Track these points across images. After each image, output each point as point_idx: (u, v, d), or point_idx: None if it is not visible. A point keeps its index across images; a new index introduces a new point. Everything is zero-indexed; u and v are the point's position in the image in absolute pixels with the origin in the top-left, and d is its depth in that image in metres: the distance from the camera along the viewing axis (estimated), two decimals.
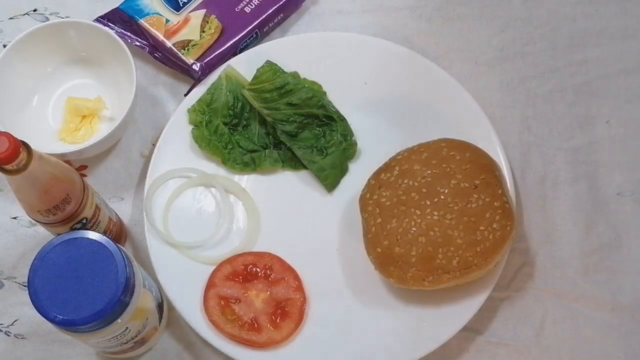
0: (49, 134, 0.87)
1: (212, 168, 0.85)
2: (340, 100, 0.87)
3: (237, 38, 0.89)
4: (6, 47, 0.84)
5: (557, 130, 0.87)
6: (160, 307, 0.77)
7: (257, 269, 0.80)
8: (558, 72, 0.90)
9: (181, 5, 0.90)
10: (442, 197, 0.74)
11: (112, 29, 0.89)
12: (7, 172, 0.64)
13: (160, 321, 0.77)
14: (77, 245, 0.67)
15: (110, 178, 0.87)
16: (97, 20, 0.90)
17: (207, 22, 0.89)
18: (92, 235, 0.67)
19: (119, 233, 0.82)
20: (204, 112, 0.86)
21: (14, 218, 0.85)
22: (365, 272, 0.79)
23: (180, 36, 0.89)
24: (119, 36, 0.86)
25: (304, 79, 0.87)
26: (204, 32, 0.89)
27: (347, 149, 0.86)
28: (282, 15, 0.92)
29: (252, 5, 0.90)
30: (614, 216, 0.84)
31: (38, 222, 0.73)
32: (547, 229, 0.83)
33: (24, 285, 0.82)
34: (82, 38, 0.87)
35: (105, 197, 0.83)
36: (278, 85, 0.86)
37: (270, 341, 0.77)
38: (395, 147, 0.80)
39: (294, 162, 0.86)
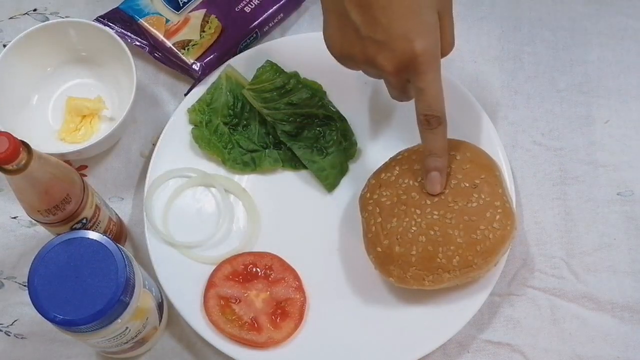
0: (49, 134, 0.87)
1: (212, 168, 0.85)
2: (340, 100, 0.87)
3: (237, 38, 0.89)
4: (6, 47, 0.84)
5: (557, 130, 0.87)
6: (160, 307, 0.77)
7: (257, 269, 0.80)
8: (558, 72, 0.90)
9: (181, 5, 0.90)
10: (442, 196, 0.74)
11: (112, 28, 0.89)
12: (7, 172, 0.64)
13: (160, 321, 0.77)
14: (77, 245, 0.67)
15: (110, 178, 0.87)
16: (97, 20, 0.90)
17: (207, 21, 0.89)
18: (92, 235, 0.67)
19: (119, 233, 0.82)
20: (204, 112, 0.86)
21: (14, 218, 0.85)
22: (365, 272, 0.79)
23: (180, 36, 0.89)
24: (119, 36, 0.86)
25: (304, 78, 0.87)
26: (204, 31, 0.89)
27: (347, 149, 0.86)
28: (282, 15, 0.92)
29: (252, 5, 0.90)
30: (613, 216, 0.84)
31: (38, 222, 0.73)
32: (547, 229, 0.83)
33: (24, 285, 0.82)
34: (82, 38, 0.87)
35: (105, 197, 0.83)
36: (278, 85, 0.86)
37: (270, 341, 0.77)
38: (395, 147, 0.80)
39: (294, 162, 0.86)
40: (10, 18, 0.94)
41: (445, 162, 0.72)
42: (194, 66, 0.88)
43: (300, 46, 0.88)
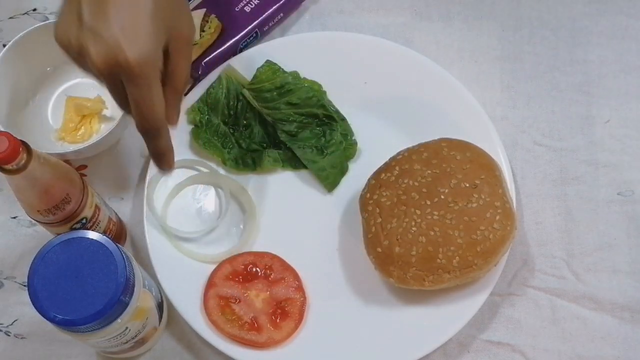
0: (48, 133, 0.87)
1: (211, 168, 0.85)
2: (340, 100, 0.87)
3: (237, 38, 0.89)
4: (6, 47, 0.84)
5: (557, 130, 0.87)
6: (160, 307, 0.76)
7: (257, 269, 0.80)
8: (558, 72, 0.90)
9: None
10: (442, 196, 0.74)
11: None
12: (7, 172, 0.64)
13: (160, 321, 0.77)
14: (77, 245, 0.67)
15: (110, 178, 0.87)
16: None
17: (207, 21, 0.89)
18: (92, 235, 0.67)
19: (119, 233, 0.82)
20: (203, 112, 0.85)
21: (14, 218, 0.85)
22: (365, 272, 0.79)
23: None
24: None
25: (304, 78, 0.87)
26: (203, 31, 0.89)
27: (347, 148, 0.86)
28: (282, 14, 0.92)
29: (252, 5, 0.90)
30: (614, 216, 0.84)
31: (38, 222, 0.73)
32: (547, 229, 0.83)
33: (24, 285, 0.82)
34: None
35: (105, 197, 0.83)
36: (278, 84, 0.86)
37: (270, 341, 0.77)
38: (395, 147, 0.80)
39: (294, 162, 0.86)
40: (10, 18, 0.94)
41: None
42: (193, 66, 0.88)
43: (300, 46, 0.88)
